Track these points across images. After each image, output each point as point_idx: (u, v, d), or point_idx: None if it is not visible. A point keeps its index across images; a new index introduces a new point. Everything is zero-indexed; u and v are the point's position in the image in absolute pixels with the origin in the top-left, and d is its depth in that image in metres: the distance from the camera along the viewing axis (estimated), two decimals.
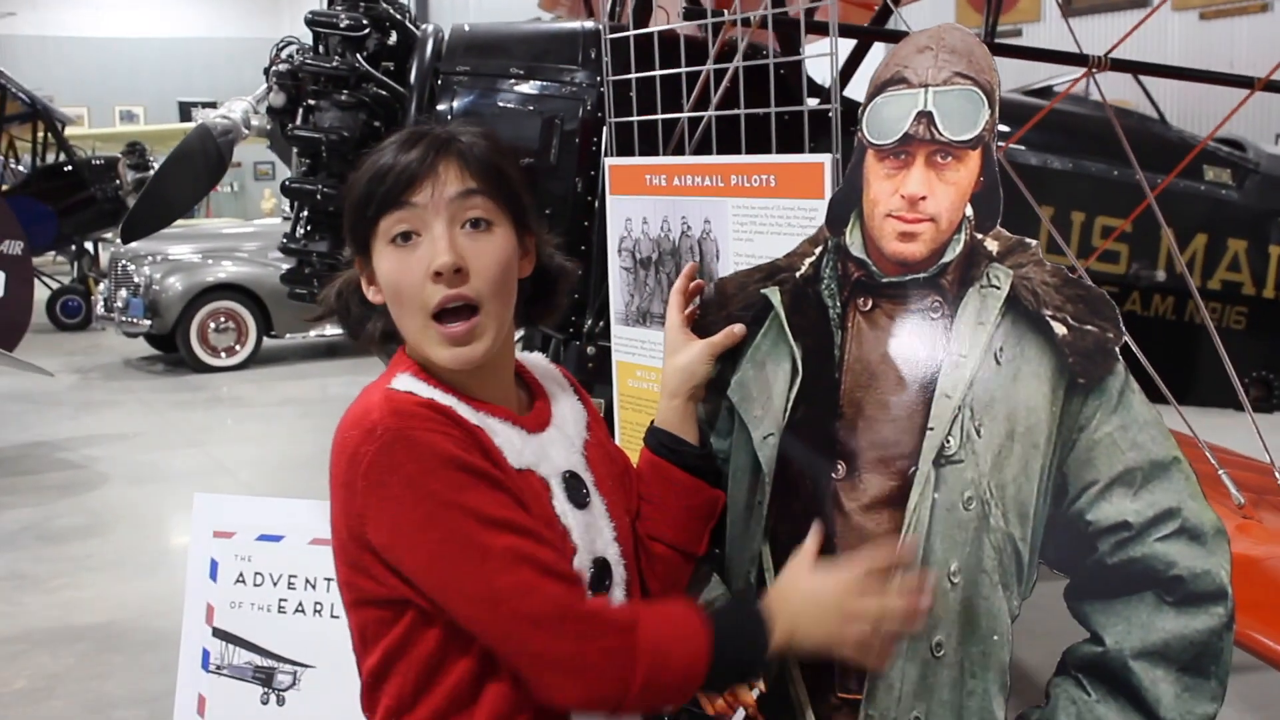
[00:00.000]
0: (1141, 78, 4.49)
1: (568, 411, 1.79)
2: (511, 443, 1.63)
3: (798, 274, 1.85)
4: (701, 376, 1.91)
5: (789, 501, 1.78)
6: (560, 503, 1.64)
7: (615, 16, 5.63)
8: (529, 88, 4.58)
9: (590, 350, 4.38)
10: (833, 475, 1.75)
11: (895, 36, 3.43)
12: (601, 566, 1.66)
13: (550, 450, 1.68)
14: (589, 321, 4.39)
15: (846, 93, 4.37)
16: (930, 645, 1.65)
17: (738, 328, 1.91)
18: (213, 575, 3.67)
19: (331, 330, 12.14)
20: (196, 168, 4.27)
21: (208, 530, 3.91)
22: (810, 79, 4.44)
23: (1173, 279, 4.73)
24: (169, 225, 4.52)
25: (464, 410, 1.60)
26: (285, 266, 12.78)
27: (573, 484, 1.67)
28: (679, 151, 3.01)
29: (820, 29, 3.64)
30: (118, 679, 5.01)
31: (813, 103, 4.28)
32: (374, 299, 1.68)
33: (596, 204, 4.42)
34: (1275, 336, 5.19)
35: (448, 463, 1.52)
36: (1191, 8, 11.03)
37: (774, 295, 1.86)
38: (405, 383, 1.62)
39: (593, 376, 4.40)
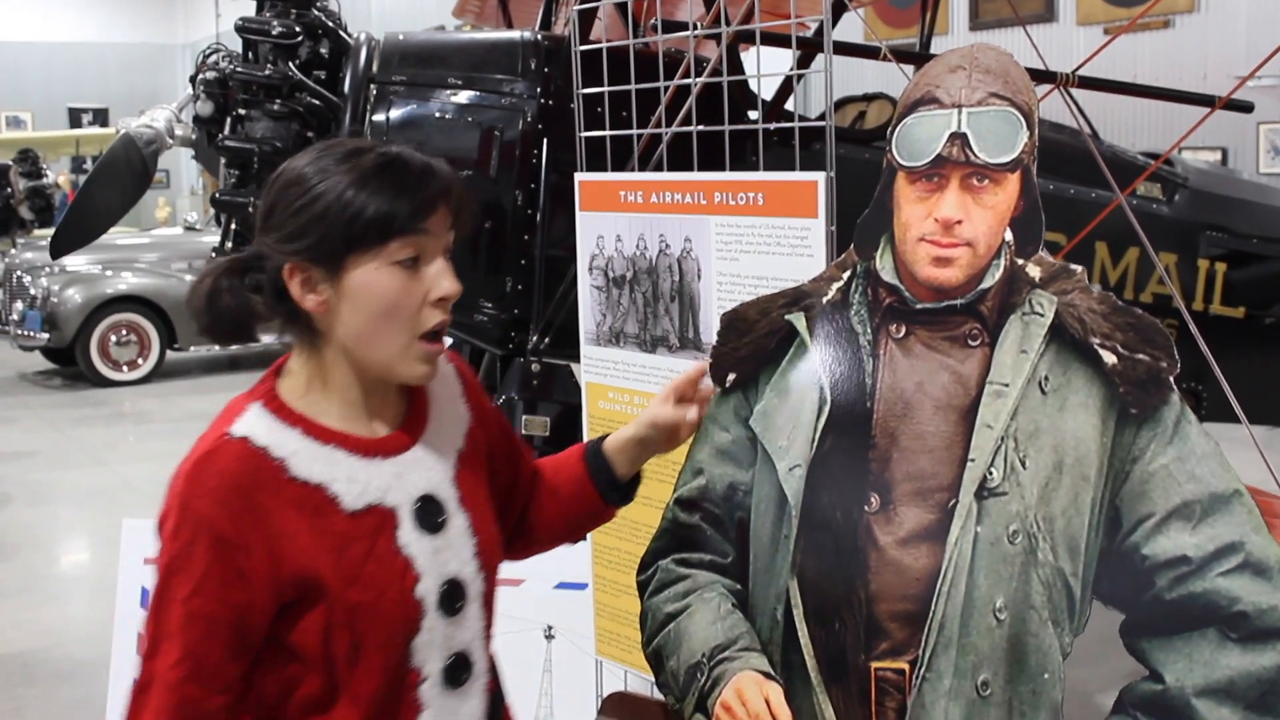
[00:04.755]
0: (1072, 92, 4.50)
1: (447, 423, 1.77)
2: (355, 480, 1.63)
3: (824, 299, 1.78)
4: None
5: (818, 535, 1.71)
6: (406, 533, 1.65)
7: (548, 26, 5.56)
8: (467, 98, 4.49)
9: (535, 368, 4.30)
10: (865, 508, 1.68)
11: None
12: (453, 586, 1.67)
13: (408, 475, 1.68)
14: (533, 338, 4.31)
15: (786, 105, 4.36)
16: (976, 684, 1.59)
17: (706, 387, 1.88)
18: (144, 604, 3.55)
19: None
20: (122, 179, 4.10)
21: (138, 557, 3.77)
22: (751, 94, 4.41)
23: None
24: (99, 238, 4.34)
25: (304, 457, 1.62)
26: (188, 277, 12.35)
27: (427, 509, 1.67)
28: (653, 167, 2.93)
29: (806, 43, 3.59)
30: (33, 714, 4.79)
31: (753, 115, 4.25)
32: (312, 306, 1.63)
33: (538, 217, 4.35)
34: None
35: (203, 540, 1.57)
36: (1096, 23, 11.23)
37: (799, 321, 1.79)
38: (248, 424, 1.65)
39: (537, 394, 4.33)
